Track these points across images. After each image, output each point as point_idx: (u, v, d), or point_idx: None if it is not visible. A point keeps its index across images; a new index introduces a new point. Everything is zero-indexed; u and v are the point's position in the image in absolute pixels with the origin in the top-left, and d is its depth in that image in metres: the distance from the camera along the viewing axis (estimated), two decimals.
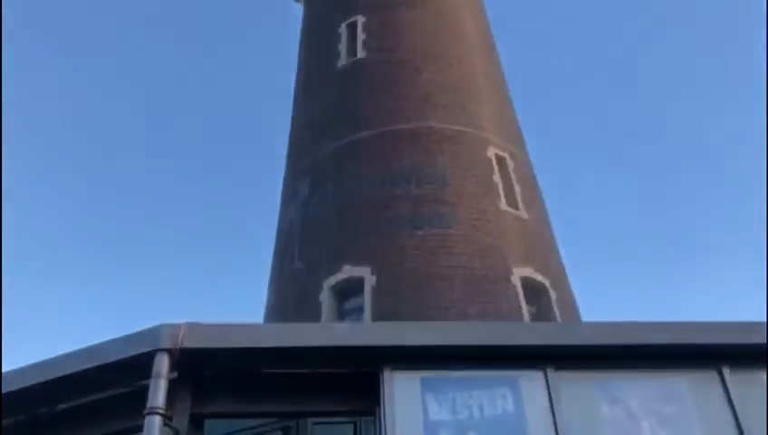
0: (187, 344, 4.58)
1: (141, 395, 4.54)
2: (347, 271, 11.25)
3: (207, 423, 5.35)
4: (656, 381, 4.98)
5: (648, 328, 5.02)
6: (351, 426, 7.24)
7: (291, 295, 11.79)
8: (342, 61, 14.39)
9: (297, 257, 12.09)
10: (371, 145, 12.67)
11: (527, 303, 11.12)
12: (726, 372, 4.95)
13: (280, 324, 9.53)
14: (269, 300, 12.47)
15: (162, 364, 4.48)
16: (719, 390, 4.93)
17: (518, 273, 11.33)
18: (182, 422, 4.67)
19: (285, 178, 14.27)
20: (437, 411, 4.79)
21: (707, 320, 5.10)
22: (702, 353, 4.97)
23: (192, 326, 4.67)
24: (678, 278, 38.46)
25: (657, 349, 4.90)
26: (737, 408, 4.84)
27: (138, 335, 4.74)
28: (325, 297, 11.11)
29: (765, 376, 4.98)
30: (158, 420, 4.34)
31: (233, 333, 4.74)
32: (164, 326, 4.67)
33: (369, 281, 11.03)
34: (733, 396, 4.88)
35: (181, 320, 4.80)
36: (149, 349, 4.56)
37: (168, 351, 4.52)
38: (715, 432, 4.81)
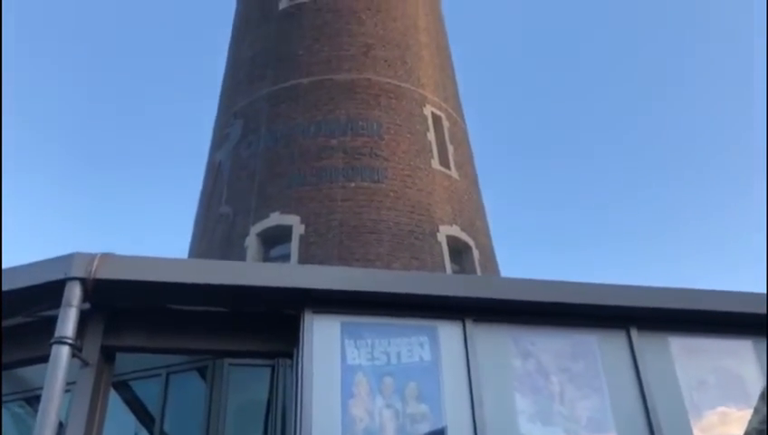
0: (101, 275, 4.41)
1: (48, 325, 4.36)
2: (275, 218, 11.12)
3: (120, 360, 5.22)
4: (567, 339, 5.16)
5: (563, 287, 5.17)
6: (269, 370, 7.25)
7: (216, 239, 11.57)
8: (284, 3, 13.97)
9: (225, 200, 11.84)
10: (308, 92, 12.43)
11: (451, 261, 11.31)
12: (634, 333, 5.17)
13: (198, 260, 9.32)
14: (193, 241, 12.22)
15: (73, 293, 4.30)
16: (626, 349, 5.14)
17: (444, 231, 11.48)
18: (92, 354, 4.53)
19: (217, 119, 13.87)
20: (356, 356, 4.81)
21: (619, 283, 5.30)
22: (612, 314, 5.16)
23: (107, 257, 4.50)
24: (594, 248, 39.96)
25: (571, 307, 5.05)
26: (640, 367, 5.06)
27: (49, 262, 4.54)
28: (252, 243, 10.96)
29: (669, 338, 5.23)
30: (66, 349, 4.19)
31: (149, 266, 4.59)
32: (77, 255, 4.48)
33: (298, 230, 10.95)
34: (638, 356, 5.10)
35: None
36: (61, 277, 4.37)
37: (81, 280, 4.35)
38: (618, 389, 5.02)
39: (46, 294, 4.47)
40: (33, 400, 6.50)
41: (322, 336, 4.79)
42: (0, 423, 6.47)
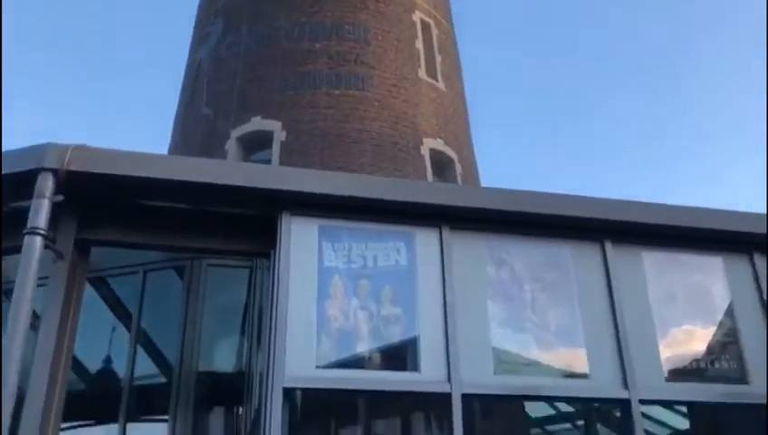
0: (74, 167, 4.32)
1: (21, 217, 4.30)
2: (256, 123, 10.96)
3: (97, 256, 5.21)
4: (542, 249, 5.21)
5: (540, 198, 5.17)
6: (246, 271, 7.32)
7: (195, 141, 11.41)
8: None
9: (205, 102, 11.60)
10: None
11: (434, 174, 11.29)
12: (608, 246, 5.23)
13: (175, 157, 9.20)
14: (172, 142, 12.04)
15: (46, 184, 4.22)
16: (599, 262, 5.22)
17: (428, 144, 11.41)
18: (66, 247, 4.50)
19: (198, 16, 13.39)
20: (332, 258, 4.84)
21: (595, 196, 5.31)
22: (587, 226, 5.20)
23: (80, 149, 4.39)
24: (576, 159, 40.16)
25: (546, 218, 5.08)
26: (612, 280, 5.15)
27: (21, 152, 4.43)
28: (231, 147, 10.84)
29: (642, 252, 5.31)
30: (38, 240, 4.15)
31: (123, 160, 4.49)
32: (50, 145, 4.37)
33: (279, 136, 10.82)
34: (610, 269, 5.18)
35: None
36: (33, 167, 4.28)
37: (53, 171, 4.25)
38: (589, 300, 5.12)
39: (18, 184, 4.38)
40: (8, 293, 6.53)
41: (300, 238, 4.79)
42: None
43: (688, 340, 5.25)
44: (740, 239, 5.36)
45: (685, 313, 5.31)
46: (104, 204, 4.75)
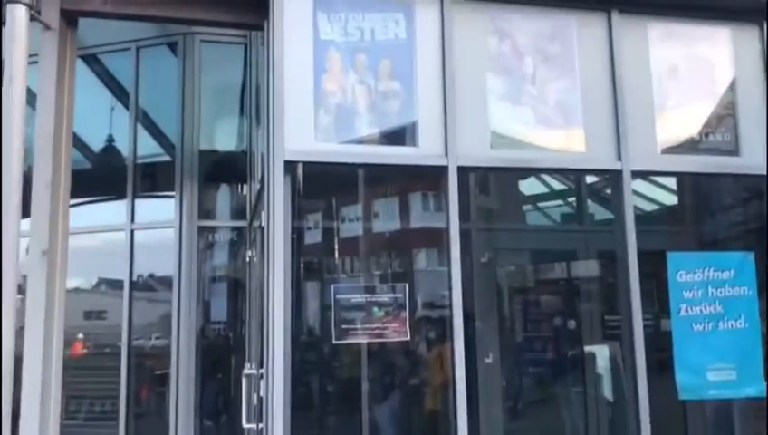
0: None
1: None
2: None
3: (88, 33, 5.04)
4: (546, 19, 5.03)
5: None
6: (242, 48, 7.15)
7: None
8: None
9: None
10: None
11: None
12: (615, 15, 5.04)
13: None
14: None
15: None
16: (604, 33, 5.06)
17: None
18: (53, 18, 4.33)
19: None
20: (328, 31, 4.69)
21: None
22: None
23: None
24: None
25: None
26: (615, 51, 5.04)
27: None
28: None
29: (649, 22, 5.14)
30: (23, 10, 3.98)
31: None
32: None
33: None
34: (614, 40, 5.05)
35: None
36: None
37: None
38: (591, 73, 5.05)
39: None
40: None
41: (294, 9, 4.60)
42: None
43: (686, 114, 5.26)
44: (752, 8, 5.14)
45: (686, 87, 5.27)
46: None
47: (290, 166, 4.43)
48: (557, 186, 9.45)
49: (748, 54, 5.29)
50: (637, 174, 5.05)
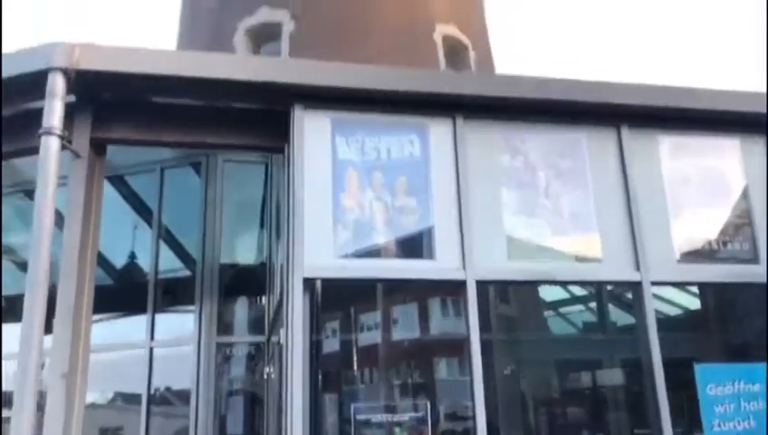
0: (84, 66, 4.28)
1: (35, 117, 4.32)
2: (264, 14, 10.65)
3: (114, 155, 5.25)
4: (557, 136, 5.18)
5: (554, 84, 5.08)
6: (262, 166, 7.38)
7: (203, 35, 11.17)
8: None
9: None
10: None
11: (447, 62, 11.04)
12: (624, 130, 5.18)
13: (184, 52, 9.04)
14: (179, 39, 11.80)
15: (57, 84, 4.20)
16: (614, 147, 5.19)
17: (441, 30, 11.08)
18: (83, 146, 4.54)
19: None
20: (346, 151, 4.85)
21: (611, 80, 5.22)
22: (603, 112, 5.14)
23: (88, 47, 4.34)
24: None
25: (562, 104, 5.01)
26: (627, 165, 5.15)
27: (28, 53, 4.39)
28: (240, 40, 10.60)
29: (658, 136, 5.27)
30: (55, 140, 4.19)
31: (132, 57, 4.44)
32: (57, 44, 4.32)
33: (288, 26, 10.54)
34: (626, 154, 5.16)
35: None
36: (42, 67, 4.25)
37: (63, 70, 4.23)
38: (604, 186, 5.13)
39: (29, 85, 4.37)
40: (33, 193, 6.67)
41: (313, 132, 4.79)
42: None
43: (701, 222, 5.29)
44: (758, 120, 5.27)
45: (699, 196, 5.32)
46: (117, 102, 4.74)
47: (308, 283, 4.47)
48: (578, 292, 9.37)
49: (759, 164, 5.38)
50: (656, 284, 5.02)
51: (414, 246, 4.87)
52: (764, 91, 5.33)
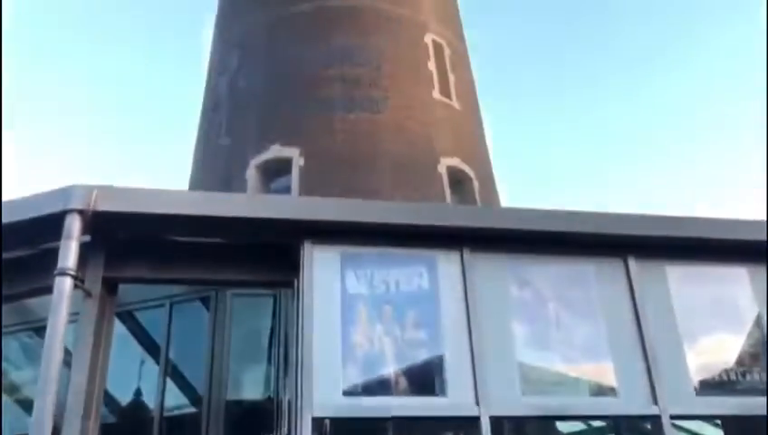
0: (101, 207, 4.43)
1: (51, 257, 4.41)
2: (275, 150, 11.06)
3: (124, 290, 5.30)
4: (564, 267, 5.21)
5: (560, 216, 5.18)
6: (271, 299, 7.37)
7: (216, 171, 11.55)
8: None
9: (224, 132, 11.76)
10: (307, 20, 12.15)
11: (452, 192, 11.30)
12: (631, 261, 5.21)
13: (198, 192, 9.31)
14: (193, 174, 12.20)
15: (73, 225, 4.33)
16: (623, 278, 5.20)
17: (445, 162, 11.43)
18: (95, 285, 4.60)
19: (213, 47, 13.61)
20: (355, 286, 4.88)
21: (617, 211, 5.33)
22: (609, 243, 5.20)
23: (105, 189, 4.51)
24: (597, 175, 39.90)
25: (568, 236, 5.08)
26: (637, 295, 5.13)
27: (48, 195, 4.55)
28: (251, 175, 10.94)
29: (665, 266, 5.28)
30: (68, 281, 4.25)
31: (147, 198, 4.60)
32: (76, 187, 4.49)
33: (297, 162, 10.91)
34: (634, 284, 5.16)
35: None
36: (60, 209, 4.39)
37: (80, 212, 4.37)
38: (614, 316, 5.10)
39: (47, 226, 4.50)
40: (40, 330, 6.63)
41: (322, 267, 4.84)
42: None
43: (717, 352, 5.21)
44: (760, 248, 5.31)
45: (712, 325, 5.27)
46: (130, 241, 4.85)
47: (317, 422, 4.36)
48: (596, 422, 9.07)
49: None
50: (675, 418, 4.86)
51: (425, 381, 4.79)
52: (765, 218, 5.41)
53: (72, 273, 4.26)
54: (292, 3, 12.36)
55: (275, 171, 11.06)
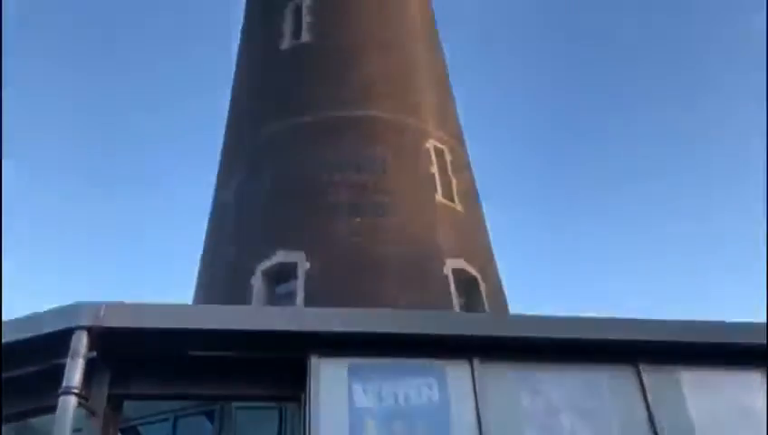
0: (108, 323, 4.43)
1: (58, 374, 4.37)
2: (280, 256, 11.13)
3: (128, 404, 5.21)
4: (576, 375, 5.13)
5: (570, 323, 5.15)
6: (276, 411, 7.21)
7: (221, 277, 11.59)
8: (286, 43, 14.17)
9: (230, 240, 11.88)
10: (312, 130, 12.54)
11: (458, 294, 11.27)
12: (642, 367, 5.13)
13: (203, 306, 9.34)
14: (199, 281, 12.23)
15: (80, 343, 4.32)
16: (635, 385, 5.11)
17: (450, 264, 11.46)
18: (99, 403, 4.53)
19: (222, 158, 13.99)
20: (363, 399, 4.80)
21: (626, 317, 5.30)
22: (620, 349, 5.14)
23: (113, 305, 4.52)
24: (602, 273, 39.79)
25: (578, 343, 5.04)
26: (651, 402, 5.02)
27: (55, 312, 4.56)
28: (257, 281, 10.96)
29: (679, 372, 5.20)
30: (72, 400, 4.19)
31: (154, 314, 4.61)
32: (83, 304, 4.51)
33: (303, 266, 10.94)
34: (648, 391, 5.06)
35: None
36: (67, 326, 4.39)
37: (88, 329, 4.36)
38: (629, 426, 4.97)
39: (53, 343, 4.49)
40: None
41: (329, 380, 4.78)
42: None
43: None
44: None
45: (729, 429, 5.12)
46: (136, 357, 4.81)
47: None
48: None
49: None
50: None
51: None
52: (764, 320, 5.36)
53: (77, 391, 4.21)
54: (297, 114, 12.81)
55: (281, 276, 11.09)
